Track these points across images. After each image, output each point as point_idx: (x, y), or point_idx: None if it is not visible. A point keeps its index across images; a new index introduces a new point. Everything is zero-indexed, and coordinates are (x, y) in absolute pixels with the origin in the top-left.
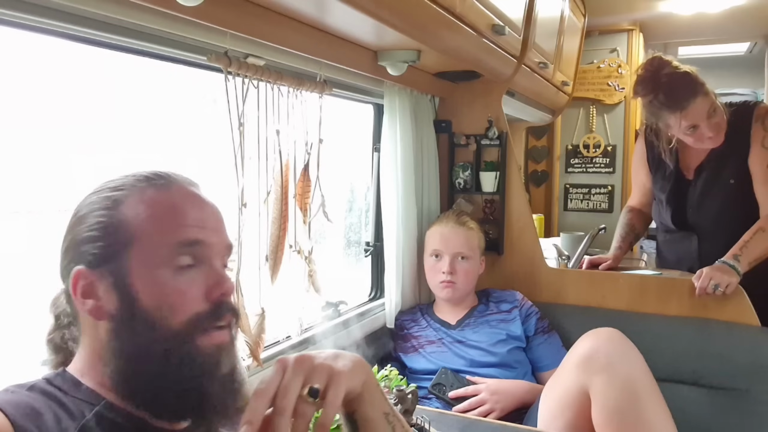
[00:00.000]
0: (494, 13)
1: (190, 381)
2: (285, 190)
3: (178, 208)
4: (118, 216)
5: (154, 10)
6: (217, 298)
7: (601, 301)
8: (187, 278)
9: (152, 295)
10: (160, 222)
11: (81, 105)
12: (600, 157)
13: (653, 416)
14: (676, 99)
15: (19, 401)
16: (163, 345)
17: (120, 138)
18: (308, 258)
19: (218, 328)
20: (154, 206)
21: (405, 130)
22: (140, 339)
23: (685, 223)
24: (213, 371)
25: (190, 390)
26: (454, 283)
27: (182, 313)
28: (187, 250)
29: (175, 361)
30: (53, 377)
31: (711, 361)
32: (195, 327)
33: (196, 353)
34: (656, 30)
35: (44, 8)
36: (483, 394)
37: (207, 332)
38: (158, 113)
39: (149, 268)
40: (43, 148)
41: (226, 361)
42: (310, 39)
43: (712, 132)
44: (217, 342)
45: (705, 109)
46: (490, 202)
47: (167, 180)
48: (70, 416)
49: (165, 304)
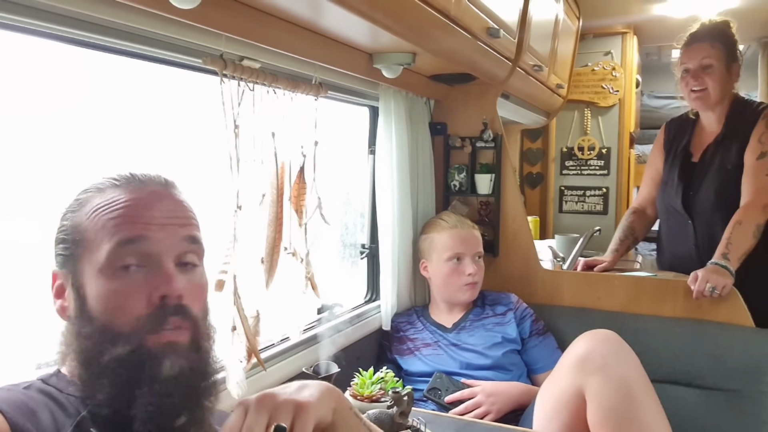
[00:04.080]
0: (489, 16)
1: (124, 382)
2: (280, 192)
3: (125, 207)
4: (77, 218)
5: (149, 13)
6: (160, 301)
7: (596, 302)
8: (130, 280)
9: (97, 297)
10: (104, 222)
11: (75, 108)
12: (595, 160)
13: (648, 417)
14: (692, 36)
15: (15, 399)
16: (104, 346)
17: (116, 140)
18: (304, 260)
19: (168, 329)
20: (103, 207)
21: (400, 133)
22: (88, 340)
23: (686, 204)
24: (153, 371)
25: (122, 391)
26: (477, 282)
27: (125, 316)
28: (130, 249)
29: (113, 363)
30: (48, 377)
31: (705, 362)
32: (141, 329)
33: (138, 355)
34: (650, 33)
35: (37, 10)
36: (479, 396)
37: (157, 332)
38: (155, 115)
39: (94, 269)
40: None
41: (175, 362)
42: (305, 41)
43: (698, 85)
44: (165, 340)
45: (701, 56)
46: (485, 204)
47: (129, 180)
48: (65, 413)
49: (107, 306)
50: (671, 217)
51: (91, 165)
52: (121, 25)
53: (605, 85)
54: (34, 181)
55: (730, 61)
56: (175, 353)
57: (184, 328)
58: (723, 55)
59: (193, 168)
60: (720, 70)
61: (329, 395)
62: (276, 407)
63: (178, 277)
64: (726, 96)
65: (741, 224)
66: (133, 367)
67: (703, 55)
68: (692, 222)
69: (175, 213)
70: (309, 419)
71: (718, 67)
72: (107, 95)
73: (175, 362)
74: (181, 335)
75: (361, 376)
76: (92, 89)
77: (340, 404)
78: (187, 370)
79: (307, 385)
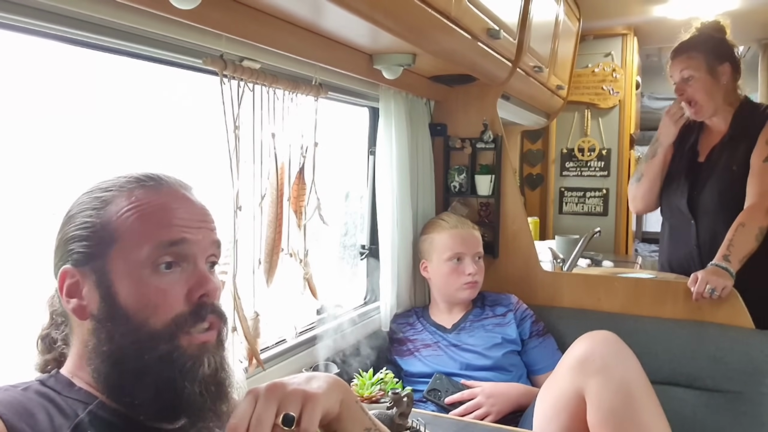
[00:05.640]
0: (489, 17)
1: (167, 382)
2: (280, 193)
3: (162, 209)
4: (104, 216)
5: (149, 13)
6: (199, 299)
7: (596, 303)
8: (169, 279)
9: (132, 296)
10: (142, 222)
11: (76, 107)
12: (595, 161)
13: (648, 418)
14: (674, 50)
15: (12, 400)
16: (143, 345)
17: (116, 140)
18: (303, 261)
19: (202, 330)
20: (139, 207)
21: (400, 134)
22: (121, 339)
23: (690, 204)
24: (193, 372)
25: (166, 390)
26: (477, 282)
27: (163, 314)
28: (169, 250)
29: (154, 362)
30: (46, 379)
31: (705, 363)
32: (176, 328)
33: (177, 354)
34: (650, 34)
35: (37, 10)
36: (479, 397)
37: (190, 333)
38: (155, 116)
39: (130, 267)
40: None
41: (211, 361)
42: (305, 42)
43: (685, 98)
44: (200, 342)
45: (680, 68)
46: (485, 206)
47: (156, 181)
48: (63, 416)
49: (145, 304)
50: (674, 217)
51: (92, 165)
52: (121, 26)
53: (605, 87)
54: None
55: (714, 66)
56: (209, 352)
57: (216, 327)
58: (702, 63)
59: (194, 168)
60: (701, 78)
61: (337, 387)
62: (285, 396)
63: (210, 277)
64: (723, 99)
65: (744, 226)
66: (176, 366)
67: (682, 68)
68: (695, 222)
69: (205, 217)
70: (317, 410)
71: (699, 76)
72: (107, 95)
73: (210, 361)
74: (212, 335)
75: (360, 377)
76: (92, 89)
77: (347, 397)
78: (217, 368)
79: (316, 377)
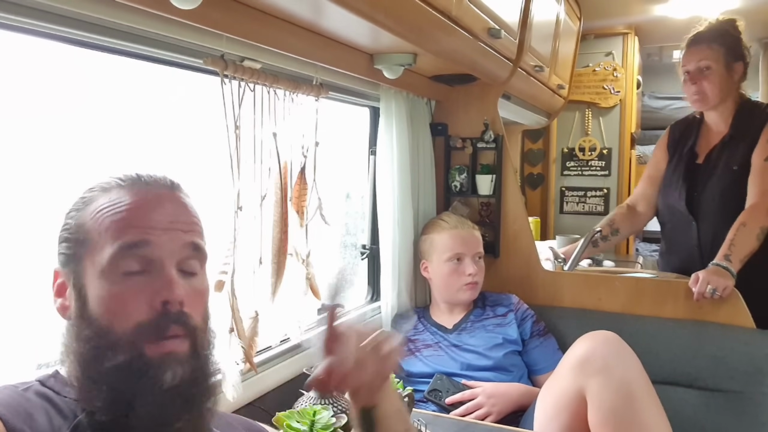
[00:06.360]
0: (490, 16)
1: (119, 393)
2: (284, 193)
3: (128, 210)
4: (81, 218)
5: (149, 13)
6: (160, 307)
7: (597, 303)
8: (131, 284)
9: (96, 300)
10: (109, 224)
11: (76, 108)
12: (596, 160)
13: (649, 418)
14: (691, 39)
15: (11, 401)
16: (104, 352)
17: (117, 141)
18: (306, 261)
19: (168, 338)
20: (108, 208)
21: (401, 133)
22: (86, 343)
23: (689, 206)
24: (154, 382)
25: (118, 401)
26: (477, 282)
27: (124, 322)
28: (132, 253)
29: (111, 370)
30: (46, 379)
31: (706, 363)
32: (139, 337)
33: (139, 364)
34: (651, 33)
35: (37, 11)
36: (480, 397)
37: (156, 342)
38: (155, 116)
39: (96, 271)
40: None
41: (178, 372)
42: (306, 42)
43: (696, 87)
44: (165, 351)
45: (698, 58)
46: (486, 205)
47: (132, 181)
48: (62, 416)
49: (106, 310)
50: (674, 218)
51: (92, 165)
52: (122, 26)
53: (606, 86)
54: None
55: (730, 61)
56: (176, 362)
57: (184, 336)
58: (722, 56)
59: (194, 168)
60: (718, 71)
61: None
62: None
63: (180, 282)
64: (729, 96)
65: (745, 226)
66: (134, 375)
67: (701, 57)
68: (696, 223)
69: (178, 218)
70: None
71: (716, 69)
72: (108, 96)
73: (176, 372)
74: (182, 345)
75: None
76: (93, 90)
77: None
78: (187, 379)
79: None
